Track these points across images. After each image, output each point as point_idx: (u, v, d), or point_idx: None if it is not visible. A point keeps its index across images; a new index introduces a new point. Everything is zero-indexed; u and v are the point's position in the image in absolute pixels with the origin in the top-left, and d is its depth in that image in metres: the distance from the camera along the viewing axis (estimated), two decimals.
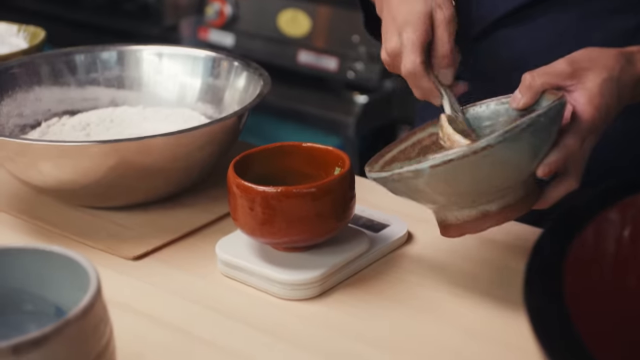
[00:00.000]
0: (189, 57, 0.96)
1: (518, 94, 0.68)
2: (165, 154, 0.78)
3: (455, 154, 0.60)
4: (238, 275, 0.73)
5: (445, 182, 0.62)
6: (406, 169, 0.62)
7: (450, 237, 0.67)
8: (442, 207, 0.66)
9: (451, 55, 0.72)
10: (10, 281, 0.57)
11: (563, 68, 0.65)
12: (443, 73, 0.72)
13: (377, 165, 0.70)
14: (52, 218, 0.82)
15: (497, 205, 0.64)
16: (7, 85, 0.92)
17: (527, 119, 0.60)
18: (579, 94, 0.65)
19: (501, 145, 0.60)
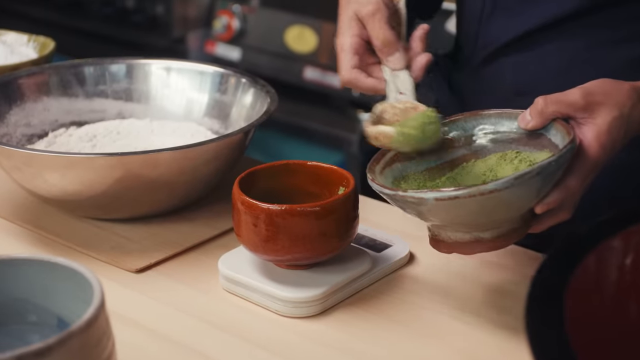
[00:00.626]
0: (197, 72, 0.97)
1: (528, 115, 0.68)
2: (171, 168, 0.79)
3: (462, 193, 0.60)
4: (240, 291, 0.73)
5: (447, 213, 0.63)
6: (410, 195, 0.62)
7: (439, 251, 0.68)
8: (437, 226, 0.66)
9: (386, 43, 0.73)
10: (14, 291, 0.57)
11: (577, 99, 0.65)
12: (389, 61, 0.74)
13: (378, 167, 0.70)
14: (56, 228, 0.83)
15: (491, 234, 0.65)
16: (16, 95, 0.93)
17: (537, 167, 0.60)
18: (588, 129, 0.65)
19: (508, 190, 0.60)
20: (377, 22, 0.74)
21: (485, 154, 0.71)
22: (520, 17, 0.84)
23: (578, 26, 0.81)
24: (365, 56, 0.76)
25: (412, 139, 0.69)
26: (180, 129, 0.95)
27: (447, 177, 0.70)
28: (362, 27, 0.75)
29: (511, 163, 0.67)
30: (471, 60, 0.91)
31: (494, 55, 0.88)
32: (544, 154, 0.67)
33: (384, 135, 0.69)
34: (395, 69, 0.75)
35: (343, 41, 0.75)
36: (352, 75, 0.74)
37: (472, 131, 0.72)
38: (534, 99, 0.72)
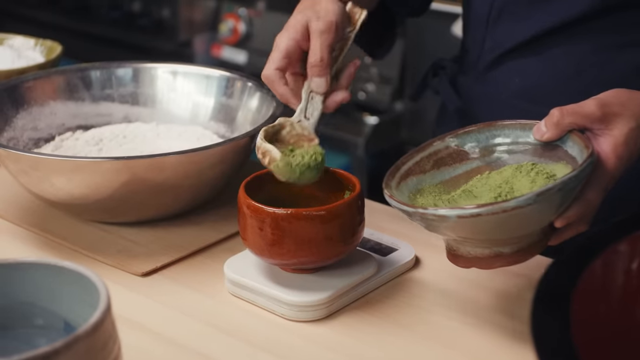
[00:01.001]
0: (203, 76, 0.97)
1: (543, 127, 0.67)
2: (177, 172, 0.79)
3: (484, 210, 0.59)
4: (245, 294, 0.73)
5: (468, 230, 0.62)
6: (431, 213, 0.61)
7: (457, 266, 0.68)
8: (456, 241, 0.66)
9: (321, 64, 0.74)
10: (20, 295, 0.57)
11: (593, 111, 0.65)
12: (315, 81, 0.75)
13: (394, 181, 0.69)
14: (63, 232, 0.83)
15: (511, 249, 0.64)
16: (23, 99, 0.93)
17: (559, 183, 0.60)
18: (604, 140, 0.65)
19: (530, 206, 0.60)
20: (321, 41, 0.74)
21: (500, 166, 0.70)
22: (527, 21, 0.84)
23: (585, 30, 0.81)
24: (296, 64, 0.76)
25: (289, 175, 0.71)
26: (186, 132, 0.96)
27: (462, 190, 0.69)
28: (306, 36, 0.75)
29: (527, 175, 0.66)
30: (477, 64, 0.91)
31: (501, 60, 0.88)
32: (561, 166, 0.67)
33: (269, 156, 0.70)
34: (315, 92, 0.76)
35: (281, 40, 0.75)
36: (272, 75, 0.75)
37: (486, 142, 0.71)
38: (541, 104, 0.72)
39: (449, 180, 0.71)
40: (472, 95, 0.93)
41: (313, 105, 0.76)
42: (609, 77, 0.78)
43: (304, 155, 0.71)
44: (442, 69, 0.96)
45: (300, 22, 0.75)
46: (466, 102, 0.93)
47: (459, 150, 0.72)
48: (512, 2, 0.85)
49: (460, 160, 0.72)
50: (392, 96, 1.93)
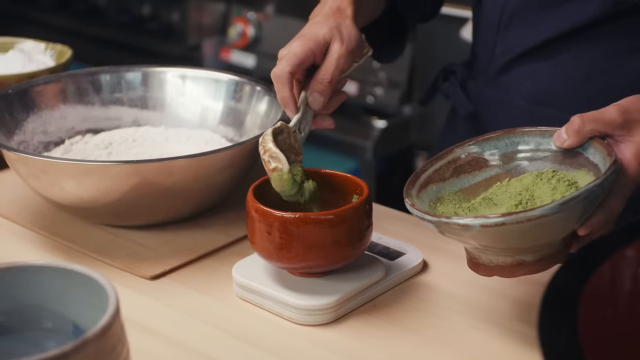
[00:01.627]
0: (212, 80, 0.98)
1: (564, 134, 0.67)
2: (185, 176, 0.79)
3: (509, 219, 0.59)
4: (253, 298, 0.73)
5: (492, 239, 0.62)
6: (455, 221, 0.61)
7: (479, 274, 0.67)
8: (478, 250, 0.66)
9: (329, 85, 0.75)
10: (29, 298, 0.57)
11: (614, 117, 0.64)
12: (314, 96, 0.76)
13: (414, 190, 0.69)
14: (72, 235, 0.83)
15: (533, 257, 0.64)
16: (33, 103, 0.94)
17: (584, 191, 0.60)
18: (626, 147, 0.64)
19: (555, 215, 0.59)
20: (338, 64, 0.75)
21: (520, 173, 0.70)
22: (538, 26, 0.84)
23: (596, 35, 0.81)
24: (301, 71, 0.77)
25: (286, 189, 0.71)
26: (195, 136, 0.96)
27: (482, 198, 0.69)
28: (323, 51, 0.76)
29: (548, 183, 0.66)
30: (488, 69, 0.91)
31: (512, 64, 0.88)
32: (582, 173, 0.66)
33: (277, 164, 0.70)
34: (309, 106, 0.77)
35: (299, 45, 0.75)
36: (284, 76, 0.75)
37: (505, 150, 0.71)
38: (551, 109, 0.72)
39: (468, 188, 0.71)
40: (483, 99, 0.93)
41: (306, 119, 0.77)
42: (619, 82, 0.77)
43: (300, 174, 0.72)
44: (453, 73, 0.96)
45: (324, 37, 0.76)
46: (476, 107, 0.93)
47: (479, 158, 0.72)
48: (524, 7, 0.85)
49: (480, 168, 0.71)
50: (401, 100, 1.93)
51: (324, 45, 0.76)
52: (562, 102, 0.76)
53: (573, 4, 0.81)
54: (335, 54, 0.75)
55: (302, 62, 0.75)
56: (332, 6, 0.81)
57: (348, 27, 0.77)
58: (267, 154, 0.71)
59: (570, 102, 0.69)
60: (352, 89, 1.96)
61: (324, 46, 0.76)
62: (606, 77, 0.82)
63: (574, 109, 0.68)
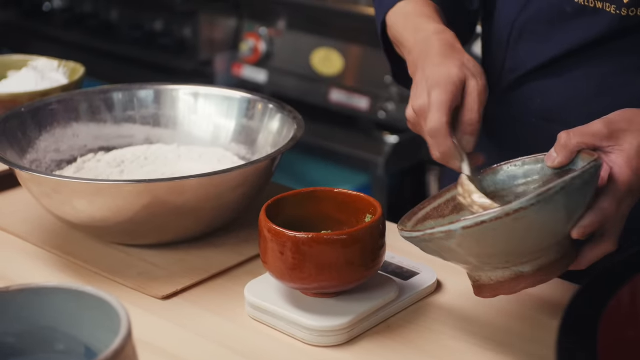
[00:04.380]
0: (224, 98, 0.98)
1: (553, 152, 0.67)
2: (197, 195, 0.79)
3: (487, 216, 0.59)
4: (266, 319, 0.73)
5: (477, 244, 0.62)
6: (438, 230, 0.61)
7: (485, 298, 0.67)
8: (475, 267, 0.65)
9: (478, 124, 0.71)
10: (42, 320, 0.57)
11: (600, 129, 0.65)
12: (466, 139, 0.71)
13: (410, 224, 0.70)
14: (84, 254, 0.83)
15: (531, 267, 0.64)
16: (46, 121, 0.94)
17: (560, 182, 0.60)
18: (616, 156, 0.64)
19: (534, 207, 0.59)
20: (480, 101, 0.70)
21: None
22: (548, 43, 0.83)
23: (605, 52, 0.81)
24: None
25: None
26: (207, 154, 0.96)
27: None
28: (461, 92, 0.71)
29: None
30: (498, 86, 0.91)
31: (521, 81, 0.87)
32: None
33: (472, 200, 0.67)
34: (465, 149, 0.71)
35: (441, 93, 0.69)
36: (444, 129, 0.69)
37: (502, 184, 0.71)
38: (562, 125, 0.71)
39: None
40: (492, 116, 0.92)
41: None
42: (629, 99, 0.77)
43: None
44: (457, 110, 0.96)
45: (459, 78, 0.71)
46: (486, 123, 0.93)
47: None
48: (533, 23, 0.85)
49: None
50: None
51: (460, 86, 0.71)
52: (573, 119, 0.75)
53: (581, 20, 0.80)
54: (474, 92, 0.71)
55: (452, 109, 0.70)
56: (444, 43, 0.75)
57: (471, 61, 0.73)
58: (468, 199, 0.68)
59: (580, 119, 0.69)
60: (364, 104, 1.96)
61: (461, 87, 0.71)
62: (616, 93, 0.81)
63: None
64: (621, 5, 0.77)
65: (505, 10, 0.88)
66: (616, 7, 0.77)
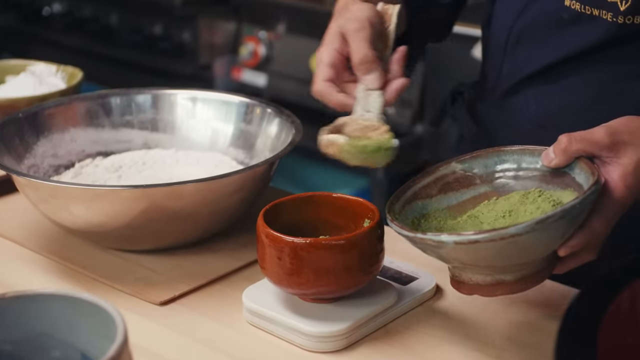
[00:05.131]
0: (222, 103, 0.97)
1: (551, 153, 0.67)
2: (195, 200, 0.79)
3: (482, 237, 0.59)
4: (264, 324, 0.72)
5: (466, 255, 0.62)
6: (430, 237, 0.61)
7: (460, 293, 0.67)
8: (457, 267, 0.65)
9: (366, 61, 0.73)
10: (38, 327, 0.57)
11: (602, 138, 0.64)
12: (367, 79, 0.74)
13: (398, 205, 0.69)
14: (81, 260, 0.83)
15: (513, 276, 0.63)
16: (44, 126, 0.94)
17: (559, 211, 0.59)
18: (613, 169, 0.64)
19: (530, 233, 0.59)
20: (359, 39, 0.74)
21: (508, 192, 0.69)
22: (545, 48, 0.83)
23: (603, 58, 0.80)
24: (342, 72, 0.75)
25: (360, 156, 0.69)
26: (205, 158, 0.95)
27: (468, 215, 0.69)
28: (344, 42, 0.75)
29: (534, 202, 0.65)
30: (495, 90, 0.91)
31: (519, 86, 0.87)
32: (568, 193, 0.66)
33: (334, 144, 0.69)
34: (370, 88, 0.74)
35: (323, 53, 0.75)
36: (323, 87, 0.74)
37: (493, 167, 0.71)
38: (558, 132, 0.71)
39: (455, 206, 0.70)
40: (490, 121, 0.92)
41: (370, 101, 0.74)
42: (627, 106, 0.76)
43: (373, 137, 0.70)
44: (460, 95, 0.96)
45: (335, 32, 0.75)
46: (483, 129, 0.93)
47: (466, 175, 0.71)
48: (530, 28, 0.84)
49: (468, 186, 0.71)
50: (412, 119, 1.92)
51: (341, 38, 0.75)
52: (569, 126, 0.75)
53: (578, 27, 0.80)
54: (351, 34, 0.74)
55: (333, 65, 0.74)
56: (340, 5, 0.80)
57: (350, 7, 0.76)
58: (325, 144, 0.70)
59: (577, 126, 0.69)
60: None
61: (341, 39, 0.75)
62: (614, 101, 0.81)
63: None
64: (618, 12, 0.77)
65: (502, 15, 0.88)
66: (613, 15, 0.77)
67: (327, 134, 0.70)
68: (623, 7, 0.76)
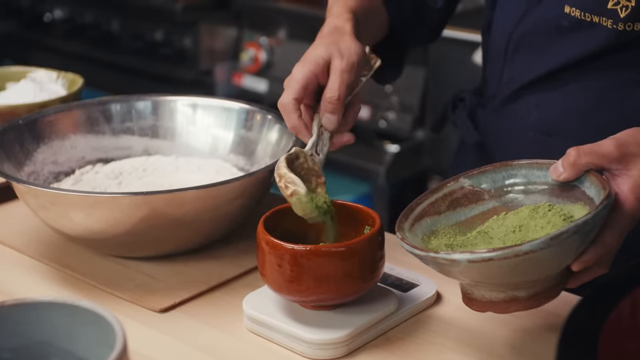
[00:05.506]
0: (222, 109, 0.97)
1: (560, 167, 0.66)
2: (196, 206, 0.78)
3: (496, 255, 0.58)
4: (264, 332, 0.72)
5: (479, 274, 0.61)
6: (442, 256, 0.60)
7: (472, 310, 0.66)
8: (470, 285, 0.65)
9: (337, 102, 0.74)
10: (38, 335, 0.57)
11: (611, 150, 0.64)
12: (326, 117, 0.74)
13: (407, 224, 0.68)
14: (81, 267, 0.83)
15: (526, 293, 0.63)
16: (44, 133, 0.94)
17: (573, 226, 0.59)
18: (623, 181, 0.63)
19: (544, 250, 0.58)
20: (341, 79, 0.74)
21: (517, 206, 0.69)
22: (545, 55, 0.83)
23: (603, 65, 0.80)
24: (309, 96, 0.76)
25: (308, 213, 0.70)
26: (205, 165, 0.95)
27: (478, 231, 0.68)
28: (325, 71, 0.75)
29: (544, 217, 0.65)
30: (496, 97, 0.91)
31: (519, 93, 0.87)
32: (578, 207, 0.65)
33: (293, 189, 0.69)
34: (324, 127, 0.75)
35: (300, 70, 0.74)
36: (289, 105, 0.74)
37: (502, 182, 0.70)
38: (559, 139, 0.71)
39: (464, 221, 0.70)
40: (491, 128, 0.92)
41: (322, 141, 0.75)
42: (627, 113, 0.76)
43: (324, 197, 0.71)
44: (461, 101, 0.96)
45: (323, 57, 0.74)
46: (485, 135, 0.92)
47: (475, 191, 0.71)
48: (530, 35, 0.84)
49: (476, 201, 0.71)
50: (413, 124, 1.92)
51: (324, 66, 0.75)
52: (570, 133, 0.75)
53: (578, 34, 0.80)
54: (337, 71, 0.74)
55: (306, 87, 0.74)
56: (330, 26, 0.80)
57: (347, 42, 0.76)
58: (283, 180, 0.70)
59: (578, 133, 0.69)
60: (365, 114, 1.96)
61: (324, 66, 0.75)
62: (614, 107, 0.81)
63: (582, 140, 0.67)
64: (618, 19, 0.77)
65: (502, 22, 0.88)
66: (613, 22, 0.77)
67: (288, 169, 0.70)
68: (623, 14, 0.76)
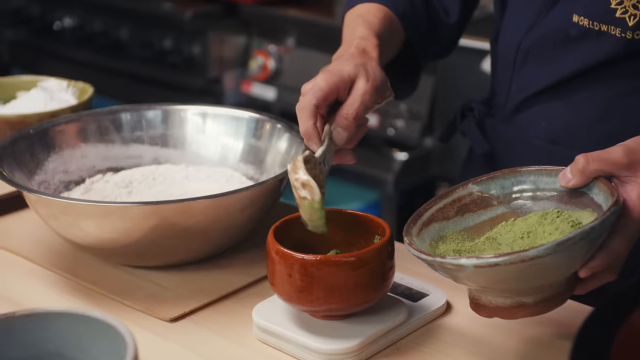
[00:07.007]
0: (232, 118, 0.97)
1: (569, 173, 0.66)
2: (206, 216, 0.78)
3: (502, 260, 0.58)
4: (274, 341, 0.72)
5: (486, 279, 0.61)
6: (449, 261, 0.61)
7: (480, 315, 0.66)
8: (477, 290, 0.65)
9: (353, 120, 0.74)
10: (49, 345, 0.57)
11: (620, 158, 0.64)
12: (338, 132, 0.75)
13: (415, 229, 0.68)
14: (91, 276, 0.83)
15: (533, 299, 0.63)
16: (55, 142, 0.94)
17: (580, 232, 0.59)
18: (632, 188, 0.63)
19: (550, 256, 0.58)
20: (363, 100, 0.75)
21: (525, 212, 0.69)
22: (554, 64, 0.83)
23: (611, 75, 0.80)
24: (325, 104, 0.76)
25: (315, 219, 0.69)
26: (215, 174, 0.96)
27: (486, 237, 0.68)
28: (348, 87, 0.76)
29: (552, 223, 0.65)
30: (505, 107, 0.90)
31: (527, 102, 0.87)
32: (587, 213, 0.65)
33: (309, 192, 0.68)
34: (334, 141, 0.76)
35: (325, 79, 0.75)
36: (309, 109, 0.74)
37: (510, 188, 0.70)
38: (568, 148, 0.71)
39: (473, 227, 0.70)
40: (499, 138, 0.92)
41: (329, 153, 0.75)
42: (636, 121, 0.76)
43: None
44: (470, 110, 0.96)
45: (349, 74, 0.76)
46: (493, 145, 0.92)
47: (483, 197, 0.71)
48: (538, 45, 0.84)
49: (485, 207, 0.71)
50: (422, 132, 1.92)
51: (348, 82, 0.76)
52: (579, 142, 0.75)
53: (587, 43, 0.80)
54: (360, 90, 0.75)
55: (327, 96, 0.75)
56: (359, 47, 0.81)
57: (373, 67, 0.78)
58: (299, 182, 0.69)
59: (587, 142, 0.68)
60: (373, 121, 1.96)
61: (348, 82, 0.76)
62: (622, 117, 0.81)
63: (590, 149, 0.66)
64: (626, 28, 0.77)
65: (510, 31, 0.88)
66: (621, 31, 0.77)
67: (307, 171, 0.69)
68: (631, 23, 0.76)
